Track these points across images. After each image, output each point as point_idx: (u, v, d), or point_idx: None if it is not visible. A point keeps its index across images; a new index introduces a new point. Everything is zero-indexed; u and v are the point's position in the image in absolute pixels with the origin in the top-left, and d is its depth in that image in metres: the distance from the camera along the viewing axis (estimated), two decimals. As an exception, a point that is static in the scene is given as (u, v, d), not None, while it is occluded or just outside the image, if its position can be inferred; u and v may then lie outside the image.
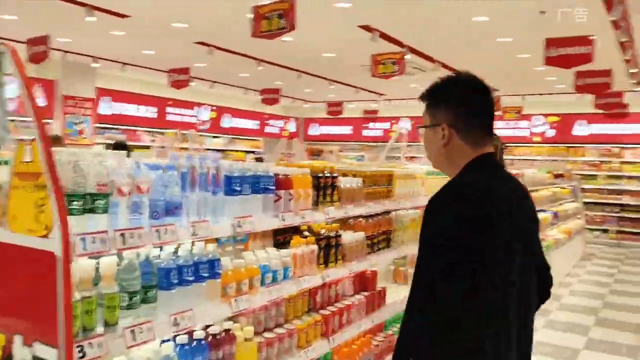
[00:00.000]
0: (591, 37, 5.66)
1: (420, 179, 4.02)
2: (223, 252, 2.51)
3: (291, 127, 17.93)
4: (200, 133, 13.77)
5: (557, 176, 9.93)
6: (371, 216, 3.44)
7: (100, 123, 11.56)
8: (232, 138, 15.62)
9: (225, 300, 2.21)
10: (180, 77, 9.11)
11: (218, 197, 2.18)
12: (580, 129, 13.55)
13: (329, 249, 2.91)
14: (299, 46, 8.61)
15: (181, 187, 2.00)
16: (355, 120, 16.70)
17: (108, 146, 10.07)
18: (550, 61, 5.73)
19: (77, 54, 9.83)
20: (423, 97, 1.75)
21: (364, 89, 13.16)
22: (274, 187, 2.48)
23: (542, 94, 12.86)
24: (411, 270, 4.06)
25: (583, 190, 12.36)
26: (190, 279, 2.04)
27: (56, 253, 1.59)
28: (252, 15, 5.33)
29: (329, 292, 3.02)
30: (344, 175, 3.17)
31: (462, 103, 1.67)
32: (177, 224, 1.97)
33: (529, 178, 7.84)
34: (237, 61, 9.92)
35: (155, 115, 13.06)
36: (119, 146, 7.40)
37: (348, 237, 3.11)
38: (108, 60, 10.40)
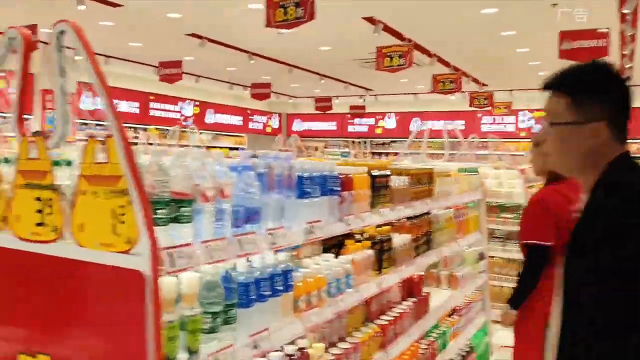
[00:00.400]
0: (605, 30, 5.57)
1: (455, 176, 3.86)
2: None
3: (274, 123, 17.65)
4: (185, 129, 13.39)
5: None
6: (414, 217, 3.25)
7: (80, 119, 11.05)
8: (216, 134, 15.25)
9: (298, 316, 1.98)
10: (171, 70, 8.72)
11: (292, 200, 1.94)
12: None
13: (382, 254, 2.71)
14: (296, 38, 8.33)
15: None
16: (340, 116, 16.50)
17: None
18: (564, 54, 5.62)
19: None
20: (556, 86, 1.45)
21: (353, 84, 12.96)
22: (339, 189, 2.26)
23: (529, 89, 12.89)
24: (444, 272, 3.93)
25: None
26: (267, 293, 1.80)
27: (143, 271, 1.33)
28: (261, 6, 5.05)
29: (382, 299, 2.81)
30: (390, 173, 2.97)
31: (620, 96, 1.43)
32: (257, 232, 1.73)
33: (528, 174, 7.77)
34: (227, 54, 9.59)
35: (137, 111, 12.62)
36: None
37: (398, 240, 2.91)
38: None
